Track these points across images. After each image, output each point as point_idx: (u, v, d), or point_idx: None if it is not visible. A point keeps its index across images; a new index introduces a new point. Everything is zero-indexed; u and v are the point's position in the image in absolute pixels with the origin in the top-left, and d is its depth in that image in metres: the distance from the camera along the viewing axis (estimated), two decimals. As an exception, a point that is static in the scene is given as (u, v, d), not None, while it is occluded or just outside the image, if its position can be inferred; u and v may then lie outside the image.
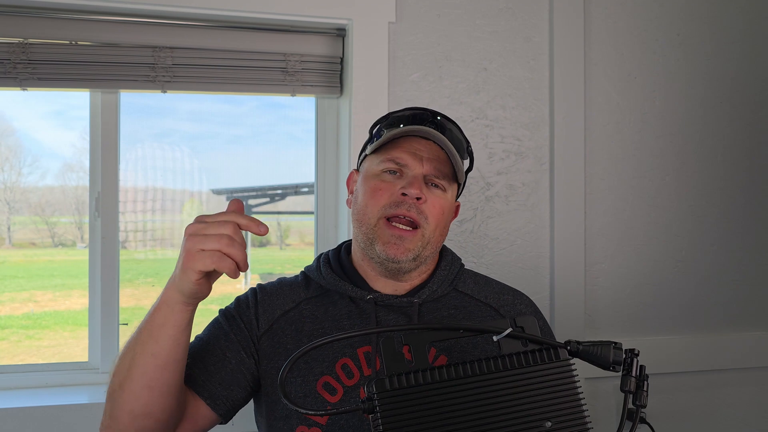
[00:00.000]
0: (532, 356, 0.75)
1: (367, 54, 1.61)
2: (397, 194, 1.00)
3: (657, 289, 1.81)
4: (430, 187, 1.03)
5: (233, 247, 0.81)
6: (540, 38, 1.73)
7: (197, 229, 0.83)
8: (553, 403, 0.73)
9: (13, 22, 1.50)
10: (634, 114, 1.79)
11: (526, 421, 0.72)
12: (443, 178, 1.04)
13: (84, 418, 1.47)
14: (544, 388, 0.73)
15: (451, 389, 0.71)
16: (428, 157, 1.03)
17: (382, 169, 1.03)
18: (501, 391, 0.72)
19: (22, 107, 1.82)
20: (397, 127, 1.03)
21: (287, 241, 2.52)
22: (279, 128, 1.95)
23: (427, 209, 1.01)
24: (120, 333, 1.66)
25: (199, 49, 1.59)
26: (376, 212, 1.01)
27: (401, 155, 1.02)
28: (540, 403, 0.72)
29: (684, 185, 1.83)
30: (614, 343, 0.78)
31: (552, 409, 0.72)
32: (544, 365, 0.74)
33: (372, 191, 1.03)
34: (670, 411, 1.79)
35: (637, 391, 0.77)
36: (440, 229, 1.04)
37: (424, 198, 1.01)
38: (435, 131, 1.02)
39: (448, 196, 1.05)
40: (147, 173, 1.80)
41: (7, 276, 2.16)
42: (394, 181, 1.02)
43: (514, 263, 1.71)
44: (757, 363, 1.85)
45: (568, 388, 0.74)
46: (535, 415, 0.72)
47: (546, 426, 0.72)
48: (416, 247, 1.01)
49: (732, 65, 1.87)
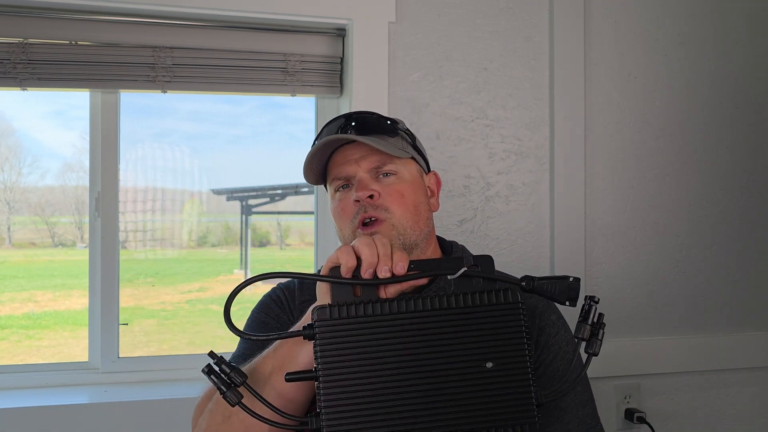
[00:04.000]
0: (480, 296, 0.73)
1: (367, 54, 1.61)
2: (352, 205, 1.02)
3: (657, 289, 1.81)
4: (382, 178, 1.03)
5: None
6: (540, 38, 1.73)
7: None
8: (497, 344, 0.72)
9: (13, 22, 1.50)
10: (634, 114, 1.79)
11: (465, 360, 0.71)
12: (389, 163, 1.03)
13: (84, 418, 1.47)
14: (488, 328, 0.72)
15: (391, 324, 0.71)
16: (360, 156, 1.03)
17: (334, 189, 1.06)
18: (442, 329, 0.72)
19: (22, 107, 1.82)
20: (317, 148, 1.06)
21: (287, 241, 2.52)
22: (279, 128, 1.95)
23: (384, 201, 1.01)
24: (120, 333, 1.66)
25: (199, 49, 1.59)
26: (348, 228, 1.03)
27: (338, 169, 1.05)
28: (483, 343, 0.72)
29: (684, 185, 1.83)
30: (571, 277, 0.76)
31: (494, 351, 0.71)
32: (490, 305, 0.73)
33: (338, 214, 1.05)
34: (670, 411, 1.79)
35: (591, 339, 0.75)
36: (411, 210, 1.03)
37: (376, 193, 1.01)
38: (343, 134, 1.03)
39: (404, 176, 1.04)
40: (147, 173, 1.81)
41: (7, 276, 2.15)
42: (348, 193, 1.04)
43: (514, 263, 1.71)
44: (757, 363, 1.85)
45: (513, 330, 0.72)
46: (476, 355, 0.71)
47: (486, 366, 0.71)
48: (391, 236, 1.00)
49: (733, 65, 1.87)
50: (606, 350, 1.68)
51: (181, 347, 2.48)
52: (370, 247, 0.78)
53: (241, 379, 0.74)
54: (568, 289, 0.75)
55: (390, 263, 0.77)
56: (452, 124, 1.67)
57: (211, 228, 2.18)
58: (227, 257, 2.31)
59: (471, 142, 1.69)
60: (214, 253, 2.20)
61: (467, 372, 0.71)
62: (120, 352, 1.66)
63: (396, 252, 0.79)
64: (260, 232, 2.50)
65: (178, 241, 1.99)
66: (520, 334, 0.72)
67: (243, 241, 2.30)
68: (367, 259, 0.77)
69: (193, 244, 2.05)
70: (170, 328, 2.31)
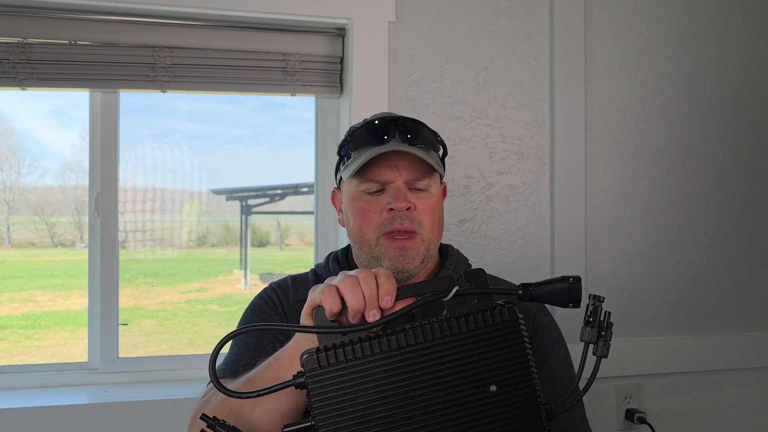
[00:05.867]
0: (476, 318, 0.68)
1: (367, 54, 1.61)
2: (386, 211, 1.00)
3: (657, 289, 1.81)
4: (414, 192, 1.03)
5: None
6: (541, 38, 1.73)
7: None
8: (498, 366, 0.67)
9: (12, 21, 1.50)
10: (634, 114, 1.79)
11: (468, 387, 0.67)
12: (423, 178, 1.03)
13: (84, 418, 1.46)
14: (488, 351, 0.68)
15: (385, 362, 0.67)
16: (403, 165, 1.02)
17: (362, 190, 1.03)
18: (440, 359, 0.67)
19: (21, 107, 1.82)
20: (364, 146, 1.03)
21: (287, 241, 2.52)
22: (279, 128, 1.95)
23: (418, 215, 1.01)
24: (119, 333, 1.66)
25: (199, 49, 1.59)
26: (372, 233, 1.01)
27: (377, 172, 1.02)
28: (484, 367, 0.67)
29: (684, 185, 1.83)
30: (571, 278, 0.72)
31: (497, 373, 0.67)
32: (488, 327, 0.68)
33: (362, 213, 1.03)
34: (670, 411, 1.79)
35: (598, 342, 0.70)
36: (437, 226, 1.05)
37: (413, 206, 1.01)
38: (402, 144, 1.01)
39: (433, 192, 1.05)
40: (147, 173, 1.80)
41: (6, 276, 2.15)
42: (379, 197, 1.02)
43: (514, 263, 1.71)
44: (757, 363, 1.85)
45: (515, 349, 0.68)
46: (478, 380, 0.67)
47: (491, 390, 0.67)
48: (420, 253, 1.01)
49: (733, 65, 1.87)
50: (606, 350, 1.69)
51: (180, 347, 2.48)
52: (355, 291, 0.72)
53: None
54: (569, 290, 0.72)
55: (377, 303, 0.72)
56: (452, 124, 1.67)
57: (211, 228, 2.18)
58: (227, 257, 2.31)
59: (471, 141, 1.68)
60: (214, 253, 2.20)
61: (471, 399, 0.67)
62: (119, 353, 1.65)
63: (383, 284, 0.73)
64: (260, 232, 2.50)
65: (178, 241, 1.99)
66: (523, 352, 0.68)
67: (243, 241, 2.30)
68: (353, 306, 0.71)
69: (193, 244, 2.05)
70: (170, 329, 2.31)
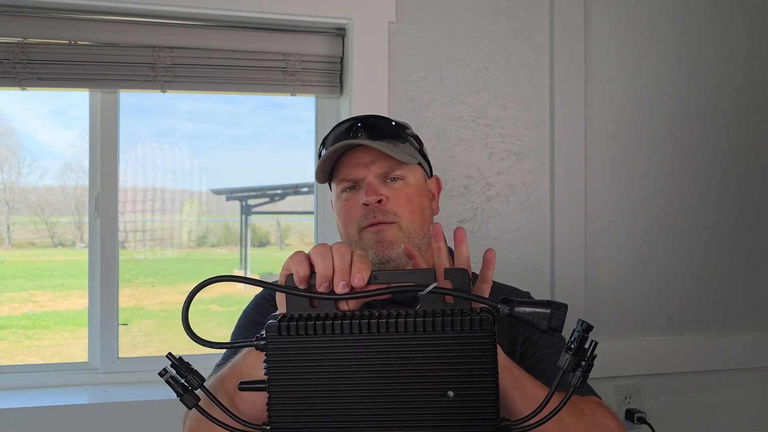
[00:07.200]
0: (451, 321, 0.65)
1: (367, 54, 1.61)
2: (361, 206, 1.04)
3: (657, 289, 1.80)
4: (390, 183, 1.06)
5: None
6: (541, 38, 1.73)
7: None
8: (463, 374, 0.65)
9: (12, 21, 1.50)
10: (634, 114, 1.79)
11: (425, 387, 0.65)
12: (397, 168, 1.06)
13: (83, 418, 1.47)
14: (454, 356, 0.65)
15: (346, 344, 0.66)
16: (371, 160, 1.05)
17: (340, 190, 1.08)
18: (404, 353, 0.66)
19: (21, 107, 1.82)
20: (330, 146, 1.08)
21: (287, 241, 2.52)
22: (279, 128, 1.95)
23: (392, 206, 1.04)
24: (119, 333, 1.66)
25: (199, 49, 1.59)
26: (353, 228, 1.05)
27: (347, 171, 1.07)
28: (447, 371, 0.65)
29: (684, 185, 1.83)
30: (557, 305, 0.67)
31: (457, 381, 0.65)
32: (457, 333, 0.65)
33: (343, 212, 1.07)
34: (670, 411, 1.79)
35: (576, 371, 0.65)
36: (418, 214, 1.06)
37: (385, 198, 1.03)
38: (365, 140, 1.05)
39: (411, 181, 1.07)
40: (147, 173, 1.80)
41: (6, 276, 2.15)
42: (356, 194, 1.06)
43: (514, 263, 1.71)
44: (757, 363, 1.85)
45: (482, 361, 0.65)
46: (437, 383, 0.65)
47: (448, 395, 0.65)
48: (399, 240, 1.03)
49: (734, 65, 1.87)
50: (606, 350, 1.69)
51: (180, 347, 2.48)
52: (324, 258, 0.70)
53: (198, 382, 0.70)
54: (551, 318, 0.67)
55: (348, 276, 0.69)
56: (452, 123, 1.67)
57: (211, 228, 2.18)
58: (227, 257, 2.31)
59: (471, 141, 1.68)
60: (214, 253, 2.20)
61: (426, 400, 0.65)
62: (119, 353, 1.66)
63: (357, 262, 0.70)
64: (260, 232, 2.50)
65: (178, 241, 1.99)
66: (491, 365, 0.65)
67: (243, 241, 2.30)
68: (320, 272, 0.70)
69: (193, 244, 2.05)
70: (170, 329, 2.30)
